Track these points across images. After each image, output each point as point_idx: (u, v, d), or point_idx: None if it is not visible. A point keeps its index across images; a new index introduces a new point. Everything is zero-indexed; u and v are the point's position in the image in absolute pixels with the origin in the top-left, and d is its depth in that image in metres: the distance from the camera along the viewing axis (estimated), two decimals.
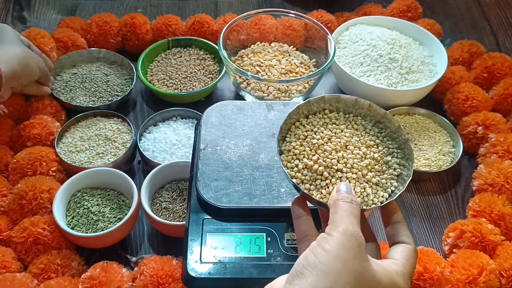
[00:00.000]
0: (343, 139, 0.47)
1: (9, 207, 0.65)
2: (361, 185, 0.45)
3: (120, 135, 0.74)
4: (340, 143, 0.46)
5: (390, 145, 0.48)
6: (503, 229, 0.65)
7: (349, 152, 0.46)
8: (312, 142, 0.46)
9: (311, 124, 0.48)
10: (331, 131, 0.48)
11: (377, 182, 0.45)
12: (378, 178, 0.45)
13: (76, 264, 0.60)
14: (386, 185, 0.46)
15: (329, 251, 0.36)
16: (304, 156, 0.46)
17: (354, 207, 0.39)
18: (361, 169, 0.45)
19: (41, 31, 0.87)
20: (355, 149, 0.47)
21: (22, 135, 0.73)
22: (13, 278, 0.56)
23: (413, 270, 0.41)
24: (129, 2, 1.07)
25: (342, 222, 0.37)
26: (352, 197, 0.40)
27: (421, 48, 0.88)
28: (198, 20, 0.93)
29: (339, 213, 0.39)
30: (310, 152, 0.46)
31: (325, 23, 0.95)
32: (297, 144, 0.47)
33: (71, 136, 0.74)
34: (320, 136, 0.47)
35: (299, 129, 0.48)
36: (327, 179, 0.45)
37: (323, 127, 0.48)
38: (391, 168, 0.47)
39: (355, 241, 0.36)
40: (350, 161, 0.45)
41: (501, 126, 0.78)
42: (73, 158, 0.71)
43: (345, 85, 0.85)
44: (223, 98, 0.87)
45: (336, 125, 0.49)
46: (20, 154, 0.70)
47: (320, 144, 0.46)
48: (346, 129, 0.48)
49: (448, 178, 0.77)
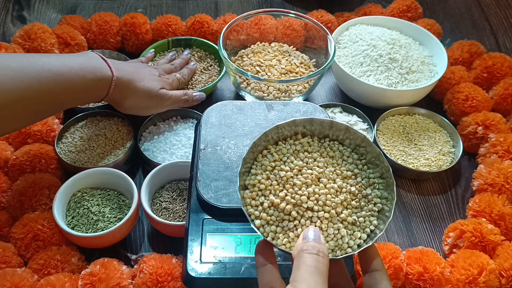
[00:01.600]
0: (316, 170, 0.41)
1: (9, 204, 0.66)
2: (335, 225, 0.39)
3: (120, 135, 0.74)
4: (312, 176, 0.40)
5: (371, 175, 0.42)
6: (503, 229, 0.65)
7: (321, 186, 0.40)
8: (280, 175, 0.40)
9: (280, 152, 0.43)
10: (302, 161, 0.42)
11: (353, 221, 0.39)
12: (355, 216, 0.40)
13: (76, 260, 0.61)
14: (364, 224, 0.40)
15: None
16: (271, 191, 0.40)
17: (320, 261, 0.35)
18: (335, 207, 0.39)
19: (43, 26, 0.86)
20: (328, 182, 0.41)
21: (22, 132, 0.73)
22: (13, 273, 0.57)
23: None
24: (129, 1, 1.07)
25: (304, 283, 0.34)
26: (319, 246, 0.35)
27: (421, 48, 0.88)
28: (198, 20, 0.93)
29: (302, 269, 0.34)
30: (278, 187, 0.40)
31: (325, 23, 0.95)
32: (263, 177, 0.41)
33: (71, 136, 0.74)
34: (289, 167, 0.41)
35: (266, 158, 0.42)
36: (295, 220, 0.39)
37: (294, 156, 0.42)
38: (371, 203, 0.41)
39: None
40: (323, 197, 0.39)
41: (501, 126, 0.78)
42: (73, 158, 0.71)
43: (345, 85, 0.85)
44: (223, 98, 0.87)
45: (309, 153, 0.43)
46: (20, 151, 0.70)
47: (289, 177, 0.40)
48: (320, 157, 0.42)
49: (448, 178, 0.77)
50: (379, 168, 0.42)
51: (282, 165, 0.42)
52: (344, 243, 0.39)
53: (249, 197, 0.40)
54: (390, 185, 0.40)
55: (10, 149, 0.72)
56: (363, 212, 0.40)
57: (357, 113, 0.81)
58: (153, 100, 0.72)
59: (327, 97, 0.89)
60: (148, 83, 0.71)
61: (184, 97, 0.76)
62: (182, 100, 0.76)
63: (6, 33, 0.94)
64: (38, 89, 0.56)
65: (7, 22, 0.98)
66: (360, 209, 0.40)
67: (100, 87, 0.65)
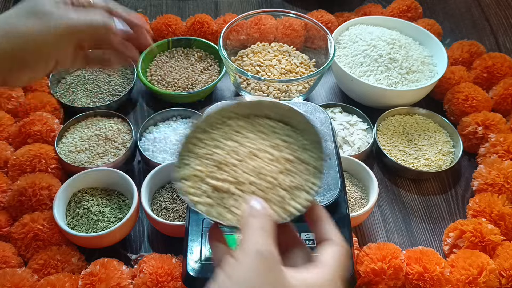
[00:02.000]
0: (250, 147, 0.42)
1: (9, 204, 0.66)
2: (278, 193, 0.40)
3: (120, 135, 0.74)
4: (247, 152, 0.41)
5: (303, 140, 0.43)
6: (503, 229, 0.65)
7: (257, 159, 0.41)
8: (215, 159, 0.41)
9: (212, 139, 0.43)
10: (234, 141, 0.43)
11: (295, 185, 0.40)
12: (295, 180, 0.41)
13: (75, 260, 0.61)
14: (304, 185, 0.41)
15: (233, 278, 0.32)
16: (210, 177, 0.41)
17: (266, 223, 0.35)
18: (274, 176, 0.40)
19: None
20: (265, 153, 0.42)
21: (22, 132, 0.73)
22: (13, 273, 0.57)
23: (343, 268, 0.36)
24: (129, 2, 1.07)
25: (250, 243, 0.33)
26: (263, 211, 0.35)
27: (421, 48, 0.88)
28: (198, 20, 0.93)
29: (248, 232, 0.34)
30: (217, 171, 0.41)
31: (325, 23, 0.95)
32: (198, 165, 0.41)
33: (71, 136, 0.74)
34: (223, 150, 0.42)
35: (198, 148, 0.43)
36: (240, 197, 0.39)
37: (225, 139, 0.43)
38: (307, 165, 0.42)
39: (265, 262, 0.32)
40: (262, 169, 0.40)
41: (501, 126, 0.78)
42: (73, 158, 0.71)
43: (345, 85, 0.85)
44: (223, 98, 0.87)
45: (240, 133, 0.43)
46: (19, 151, 0.70)
47: (225, 159, 0.41)
48: (251, 134, 0.43)
49: (448, 178, 0.77)
50: (308, 132, 0.43)
51: (216, 149, 0.42)
52: (289, 206, 0.40)
53: (190, 187, 0.41)
54: (320, 144, 0.42)
55: (10, 149, 0.72)
56: (302, 174, 0.41)
57: (357, 113, 0.80)
58: (37, 19, 0.46)
59: (327, 97, 0.89)
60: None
61: (105, 20, 0.50)
62: (101, 26, 0.50)
63: None
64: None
65: None
66: (298, 172, 0.41)
67: None
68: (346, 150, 0.75)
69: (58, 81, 0.84)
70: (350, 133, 0.77)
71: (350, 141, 0.76)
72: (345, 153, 0.74)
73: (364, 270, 0.59)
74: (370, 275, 0.59)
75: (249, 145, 0.42)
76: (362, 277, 0.59)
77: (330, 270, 0.35)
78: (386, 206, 0.73)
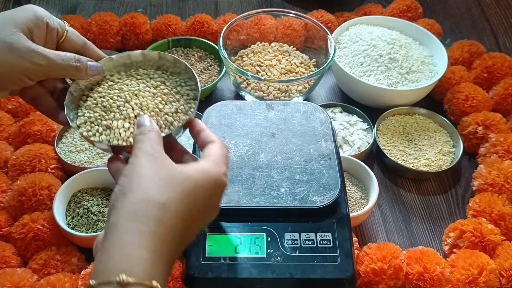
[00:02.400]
0: (131, 90, 0.50)
1: (9, 204, 0.66)
2: (162, 118, 0.48)
3: None
4: (130, 93, 0.49)
5: (177, 79, 0.53)
6: (503, 229, 0.65)
7: (140, 97, 0.49)
8: (104, 105, 0.49)
9: (97, 92, 0.50)
10: (117, 89, 0.50)
11: (175, 110, 0.49)
12: (175, 106, 0.50)
13: (75, 260, 0.61)
14: (185, 108, 0.50)
15: (131, 176, 0.38)
16: (102, 119, 0.48)
17: (153, 135, 0.41)
18: (157, 107, 0.49)
19: None
20: (145, 92, 0.50)
21: (22, 132, 0.73)
22: (13, 273, 0.57)
23: (225, 158, 0.44)
24: (129, 1, 1.07)
25: (141, 151, 0.40)
26: (150, 127, 0.42)
27: (421, 48, 0.88)
28: (198, 20, 0.93)
29: (139, 145, 0.40)
30: (106, 114, 0.48)
31: (325, 23, 0.95)
32: (90, 113, 0.49)
33: (71, 136, 0.74)
34: (108, 97, 0.49)
35: (87, 101, 0.50)
36: (130, 127, 0.47)
37: (109, 90, 0.50)
38: (185, 95, 0.51)
39: (157, 161, 0.39)
40: (144, 103, 0.49)
41: (501, 126, 0.78)
42: (73, 158, 0.71)
43: (345, 85, 0.85)
44: (223, 98, 0.87)
45: (121, 82, 0.51)
46: (19, 151, 0.70)
47: (111, 103, 0.49)
48: (130, 81, 0.51)
49: (448, 178, 0.77)
50: (183, 72, 0.53)
51: (102, 98, 0.49)
52: (173, 126, 0.48)
53: (86, 130, 0.48)
54: (193, 79, 0.51)
55: (10, 149, 0.72)
56: (181, 102, 0.51)
57: (357, 113, 0.80)
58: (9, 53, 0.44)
59: (327, 97, 0.89)
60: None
61: (75, 63, 0.48)
62: (71, 66, 0.47)
63: None
64: None
65: None
66: (177, 101, 0.50)
67: None
68: (346, 150, 0.75)
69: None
70: (350, 133, 0.77)
71: (350, 141, 0.76)
72: (345, 153, 0.74)
73: (364, 270, 0.59)
74: (370, 275, 0.59)
75: (131, 88, 0.50)
76: (362, 277, 0.59)
77: (214, 158, 0.42)
78: (386, 206, 0.73)
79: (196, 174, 0.40)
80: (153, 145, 0.40)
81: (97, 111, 0.49)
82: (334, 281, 0.49)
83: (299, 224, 0.52)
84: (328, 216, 0.53)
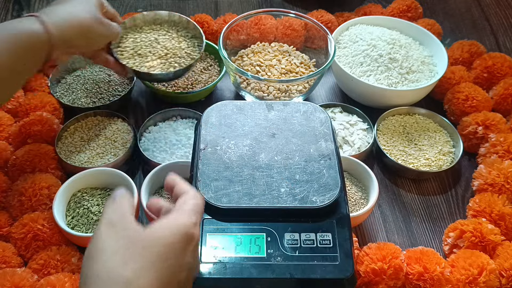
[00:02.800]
0: (152, 38, 0.76)
1: (9, 203, 0.66)
2: (182, 52, 0.75)
3: (120, 135, 0.74)
4: (152, 40, 0.75)
5: (184, 31, 0.79)
6: (503, 229, 0.65)
7: (161, 41, 0.76)
8: (145, 43, 0.75)
9: (145, 33, 0.77)
10: (143, 35, 0.77)
11: (187, 51, 0.75)
12: (186, 49, 0.76)
13: (75, 260, 0.61)
14: (193, 51, 0.76)
15: None
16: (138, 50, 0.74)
17: (123, 200, 0.41)
18: (176, 48, 0.75)
19: None
20: (164, 37, 0.77)
21: (22, 132, 0.73)
22: (13, 273, 0.57)
23: (198, 207, 0.42)
24: (129, 2, 1.07)
25: (102, 219, 0.39)
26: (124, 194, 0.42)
27: (421, 48, 0.88)
28: (198, 20, 0.93)
29: (103, 212, 0.40)
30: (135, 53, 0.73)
31: (325, 23, 0.95)
32: (130, 46, 0.74)
33: (71, 136, 0.74)
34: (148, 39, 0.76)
35: (123, 43, 0.75)
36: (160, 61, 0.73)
37: (144, 34, 0.77)
38: (194, 40, 0.78)
39: (114, 229, 0.38)
40: (167, 44, 0.75)
41: (501, 126, 0.78)
42: (73, 158, 0.71)
43: (345, 85, 0.85)
44: (223, 98, 0.87)
45: (156, 31, 0.78)
46: (19, 151, 0.70)
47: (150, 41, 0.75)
48: (154, 33, 0.77)
49: (448, 178, 0.77)
50: (190, 28, 0.79)
51: (144, 39, 0.76)
52: (182, 61, 0.75)
53: (125, 57, 0.72)
54: (195, 28, 0.78)
55: (10, 149, 0.72)
56: (192, 46, 0.77)
57: (357, 113, 0.80)
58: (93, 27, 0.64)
59: (327, 97, 0.89)
60: None
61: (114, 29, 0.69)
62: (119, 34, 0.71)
63: None
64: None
65: None
66: (189, 43, 0.77)
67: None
68: (346, 150, 0.75)
69: (58, 81, 0.84)
70: (350, 133, 0.77)
71: (350, 141, 0.76)
72: (345, 153, 0.74)
73: (364, 270, 0.59)
74: (370, 275, 0.59)
75: (153, 36, 0.76)
76: (362, 277, 0.59)
77: (185, 208, 0.41)
78: (386, 206, 0.73)
79: (163, 232, 0.38)
80: (117, 211, 0.39)
81: (129, 52, 0.73)
82: (334, 281, 0.49)
83: (299, 224, 0.52)
84: (328, 216, 0.53)
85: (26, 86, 0.82)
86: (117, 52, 0.72)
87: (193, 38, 0.78)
